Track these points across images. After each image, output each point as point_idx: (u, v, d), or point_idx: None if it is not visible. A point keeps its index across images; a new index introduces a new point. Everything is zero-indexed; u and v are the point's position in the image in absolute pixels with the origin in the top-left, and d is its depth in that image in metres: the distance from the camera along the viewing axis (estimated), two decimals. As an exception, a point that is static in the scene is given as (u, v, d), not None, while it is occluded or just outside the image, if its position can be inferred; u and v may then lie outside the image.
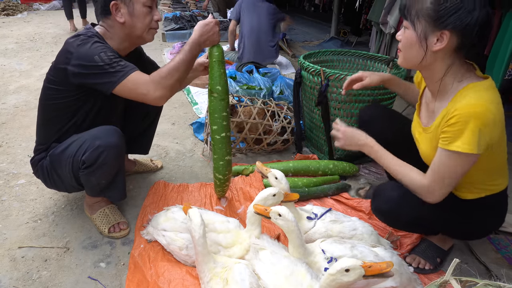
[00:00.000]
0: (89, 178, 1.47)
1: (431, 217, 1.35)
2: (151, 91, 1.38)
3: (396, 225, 1.50)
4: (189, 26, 5.80)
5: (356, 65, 2.50)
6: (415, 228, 1.49)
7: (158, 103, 1.43)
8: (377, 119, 1.62)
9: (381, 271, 0.98)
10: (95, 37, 1.44)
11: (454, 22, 1.09)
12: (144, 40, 1.56)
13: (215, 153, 1.68)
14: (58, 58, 1.45)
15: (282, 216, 1.21)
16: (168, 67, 1.42)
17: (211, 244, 1.38)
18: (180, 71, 1.44)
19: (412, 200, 1.29)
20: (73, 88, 1.44)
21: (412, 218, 1.36)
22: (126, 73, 1.36)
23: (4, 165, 2.17)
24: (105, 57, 1.36)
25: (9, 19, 6.91)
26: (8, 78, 3.69)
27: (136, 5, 1.46)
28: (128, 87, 1.37)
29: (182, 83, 1.53)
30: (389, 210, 1.37)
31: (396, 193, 1.35)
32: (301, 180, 2.02)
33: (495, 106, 1.10)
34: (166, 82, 1.40)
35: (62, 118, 1.52)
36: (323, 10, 8.19)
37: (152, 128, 1.98)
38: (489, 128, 1.09)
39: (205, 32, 1.49)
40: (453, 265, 0.90)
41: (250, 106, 2.29)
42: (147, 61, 1.85)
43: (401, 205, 1.34)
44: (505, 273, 1.47)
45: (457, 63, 1.19)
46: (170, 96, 1.45)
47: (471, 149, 1.10)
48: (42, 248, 1.56)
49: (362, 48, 5.11)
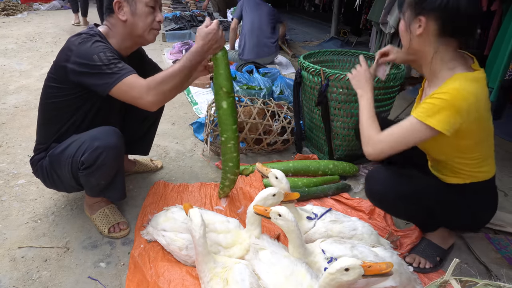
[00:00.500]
0: (88, 179, 1.47)
1: (419, 196, 1.40)
2: (144, 96, 1.36)
3: (386, 207, 1.54)
4: (189, 26, 5.81)
5: (356, 66, 2.49)
6: (408, 213, 1.49)
7: (150, 108, 1.41)
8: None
9: (380, 271, 0.98)
10: (97, 36, 1.44)
11: (427, 7, 1.22)
12: (145, 39, 1.56)
13: (223, 153, 1.70)
14: (59, 55, 1.46)
15: (282, 216, 1.21)
16: (165, 73, 1.41)
17: (211, 244, 1.38)
18: (177, 79, 1.42)
19: (400, 179, 1.42)
20: (73, 86, 1.44)
21: (401, 197, 1.40)
22: (122, 75, 1.36)
23: (4, 165, 2.17)
24: (104, 57, 1.36)
25: (9, 19, 6.90)
26: (8, 78, 3.68)
27: (138, 4, 1.46)
28: (122, 90, 1.37)
29: (178, 91, 1.50)
30: (378, 190, 1.45)
31: (383, 175, 1.46)
32: (301, 180, 2.02)
33: (473, 97, 1.19)
34: (161, 88, 1.38)
35: (61, 117, 1.52)
36: (323, 10, 8.19)
37: (152, 130, 1.98)
38: (460, 116, 1.19)
39: (207, 42, 1.47)
40: (453, 265, 0.90)
41: (250, 106, 2.29)
42: (149, 63, 1.85)
43: (388, 185, 1.43)
44: (505, 273, 1.47)
45: (445, 49, 1.26)
46: (164, 102, 1.44)
47: (444, 128, 1.19)
48: (42, 248, 1.56)
49: (362, 48, 5.11)
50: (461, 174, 1.36)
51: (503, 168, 2.31)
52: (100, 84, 1.37)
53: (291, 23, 7.72)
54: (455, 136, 1.24)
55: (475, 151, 1.32)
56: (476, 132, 1.28)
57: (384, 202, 1.49)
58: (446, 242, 1.55)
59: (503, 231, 1.71)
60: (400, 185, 1.41)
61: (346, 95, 1.99)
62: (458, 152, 1.32)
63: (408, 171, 1.47)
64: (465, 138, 1.27)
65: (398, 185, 1.41)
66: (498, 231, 1.72)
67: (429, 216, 1.47)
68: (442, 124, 1.19)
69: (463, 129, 1.23)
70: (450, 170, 1.38)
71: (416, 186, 1.41)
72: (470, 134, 1.27)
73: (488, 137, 1.35)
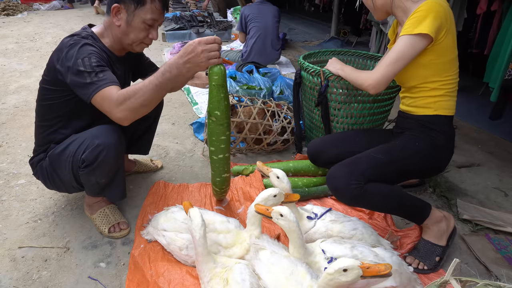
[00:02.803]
0: (89, 177, 1.47)
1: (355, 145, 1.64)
2: (112, 111, 1.29)
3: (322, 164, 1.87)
4: (189, 26, 5.81)
5: (356, 65, 2.49)
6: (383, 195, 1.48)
7: (121, 123, 1.33)
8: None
9: (379, 272, 0.99)
10: (89, 38, 1.43)
11: None
12: (133, 49, 1.55)
13: (213, 170, 1.64)
14: (52, 57, 1.45)
15: (284, 216, 1.21)
16: (135, 88, 1.29)
17: (211, 244, 1.39)
18: (146, 95, 1.28)
19: (332, 139, 1.79)
20: (66, 88, 1.42)
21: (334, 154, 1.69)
22: (99, 86, 1.30)
23: (4, 165, 2.17)
24: (88, 63, 1.33)
25: (9, 19, 6.91)
26: (8, 78, 3.69)
27: (136, 18, 1.45)
28: (97, 101, 1.32)
29: (152, 107, 1.34)
30: (314, 152, 1.82)
31: (319, 139, 1.85)
32: (301, 180, 2.02)
33: (445, 6, 1.42)
34: (129, 104, 1.28)
35: (59, 119, 1.52)
36: (323, 10, 8.16)
37: (151, 129, 1.97)
38: (439, 19, 1.39)
39: (185, 54, 1.29)
40: (453, 265, 0.90)
41: (250, 106, 2.29)
42: (147, 63, 1.85)
43: (323, 145, 1.79)
44: (505, 273, 1.47)
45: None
46: (135, 118, 1.32)
47: (431, 31, 1.37)
48: (42, 248, 1.56)
49: (362, 48, 5.12)
50: (432, 103, 1.52)
51: (503, 168, 2.31)
52: (82, 93, 1.34)
53: (291, 23, 7.73)
54: (438, 53, 1.44)
55: (449, 70, 1.49)
56: (452, 49, 1.47)
57: (320, 161, 1.82)
58: (442, 237, 1.53)
59: (503, 231, 1.71)
60: (334, 146, 1.71)
61: (346, 95, 1.99)
62: (434, 71, 1.48)
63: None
64: (444, 55, 1.46)
65: (333, 146, 1.71)
66: (498, 231, 1.72)
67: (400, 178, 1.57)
68: (428, 28, 1.37)
69: (444, 44, 1.43)
70: (422, 100, 1.54)
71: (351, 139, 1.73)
72: (448, 50, 1.45)
73: (455, 61, 1.51)
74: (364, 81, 1.55)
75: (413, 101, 1.58)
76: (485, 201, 1.98)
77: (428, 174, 1.78)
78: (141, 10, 1.43)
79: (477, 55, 3.57)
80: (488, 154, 2.49)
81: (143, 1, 1.42)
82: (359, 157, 1.49)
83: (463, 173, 2.23)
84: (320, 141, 1.84)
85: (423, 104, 1.55)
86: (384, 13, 1.60)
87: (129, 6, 1.43)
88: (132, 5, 1.43)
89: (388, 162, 1.46)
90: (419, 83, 1.53)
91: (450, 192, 2.01)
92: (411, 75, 1.53)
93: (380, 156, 1.47)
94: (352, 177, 1.40)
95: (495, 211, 1.87)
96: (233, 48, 4.89)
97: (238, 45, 5.00)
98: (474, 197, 2.01)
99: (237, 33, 5.31)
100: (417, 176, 1.80)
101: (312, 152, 1.85)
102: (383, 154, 1.48)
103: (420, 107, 1.56)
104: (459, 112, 1.67)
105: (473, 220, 1.76)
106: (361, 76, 1.60)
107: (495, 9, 2.99)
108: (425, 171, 1.62)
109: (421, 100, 1.55)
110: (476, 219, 1.76)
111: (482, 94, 3.50)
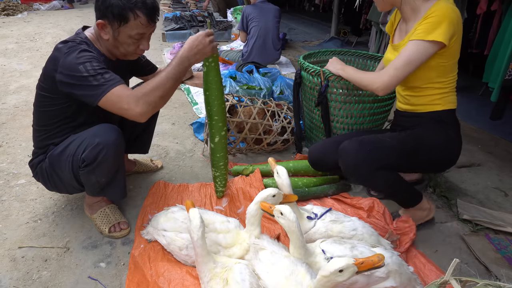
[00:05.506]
0: (89, 177, 1.47)
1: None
2: (132, 107, 1.33)
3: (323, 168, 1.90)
4: (189, 26, 5.81)
5: (356, 65, 2.49)
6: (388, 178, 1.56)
7: (139, 120, 1.36)
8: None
9: (373, 265, 1.00)
10: (84, 44, 1.42)
11: None
12: (126, 58, 1.57)
13: (212, 128, 1.74)
14: (47, 64, 1.44)
15: (284, 215, 1.21)
16: (152, 83, 1.37)
17: (211, 244, 1.39)
18: (164, 88, 1.38)
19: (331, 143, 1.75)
20: (64, 96, 1.42)
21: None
22: (109, 86, 1.32)
23: (4, 165, 2.17)
24: (90, 68, 1.33)
25: (9, 19, 6.91)
26: (8, 78, 3.69)
27: (121, 34, 1.44)
28: (110, 101, 1.33)
29: (168, 99, 1.45)
30: (315, 159, 1.83)
31: (319, 144, 1.85)
32: (301, 180, 2.02)
33: (458, 13, 1.43)
34: (148, 98, 1.35)
35: (57, 123, 1.51)
36: (323, 10, 8.17)
37: (150, 127, 1.98)
38: (453, 26, 1.40)
39: (194, 46, 1.43)
40: (453, 265, 0.90)
41: (250, 106, 2.29)
42: (144, 61, 1.84)
43: (325, 153, 1.78)
44: (505, 273, 1.47)
45: None
46: (153, 112, 1.39)
47: (445, 39, 1.39)
48: (42, 248, 1.56)
49: (362, 48, 5.11)
50: (438, 100, 1.55)
51: (503, 168, 2.31)
52: (88, 95, 1.34)
53: (291, 23, 7.73)
54: (446, 57, 1.46)
55: (454, 70, 1.53)
56: (456, 52, 1.50)
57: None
58: (418, 222, 1.66)
59: (503, 231, 1.71)
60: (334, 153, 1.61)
61: (346, 95, 1.99)
62: (441, 72, 1.50)
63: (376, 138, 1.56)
64: (452, 58, 1.49)
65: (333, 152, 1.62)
66: (498, 231, 1.72)
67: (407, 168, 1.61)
68: (443, 36, 1.38)
69: (453, 49, 1.45)
70: (427, 98, 1.56)
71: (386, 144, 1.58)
72: (455, 53, 1.49)
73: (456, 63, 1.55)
74: (373, 82, 1.56)
75: (417, 100, 1.59)
76: (485, 201, 1.98)
77: (443, 168, 1.74)
78: (125, 27, 1.42)
79: (477, 55, 3.57)
80: (488, 154, 2.49)
81: (125, 19, 1.40)
82: (376, 141, 1.52)
83: (463, 173, 2.23)
84: (321, 146, 1.82)
85: (428, 102, 1.57)
86: (389, 5, 1.59)
87: (113, 23, 1.42)
88: (115, 23, 1.41)
89: (404, 154, 1.51)
90: (423, 83, 1.55)
91: (450, 192, 2.01)
92: (417, 76, 1.54)
93: (395, 144, 1.51)
94: (367, 160, 1.46)
95: (495, 211, 1.87)
96: (233, 48, 4.88)
97: (238, 45, 5.00)
98: (474, 197, 2.01)
99: (237, 33, 5.31)
100: (431, 170, 1.84)
101: (313, 159, 1.85)
102: (400, 144, 1.52)
103: (426, 104, 1.58)
104: (459, 112, 1.68)
105: (473, 220, 1.76)
106: (366, 77, 1.61)
107: (495, 9, 2.99)
108: (441, 165, 1.66)
109: (425, 98, 1.57)
110: (476, 219, 1.76)
111: (482, 94, 3.51)
